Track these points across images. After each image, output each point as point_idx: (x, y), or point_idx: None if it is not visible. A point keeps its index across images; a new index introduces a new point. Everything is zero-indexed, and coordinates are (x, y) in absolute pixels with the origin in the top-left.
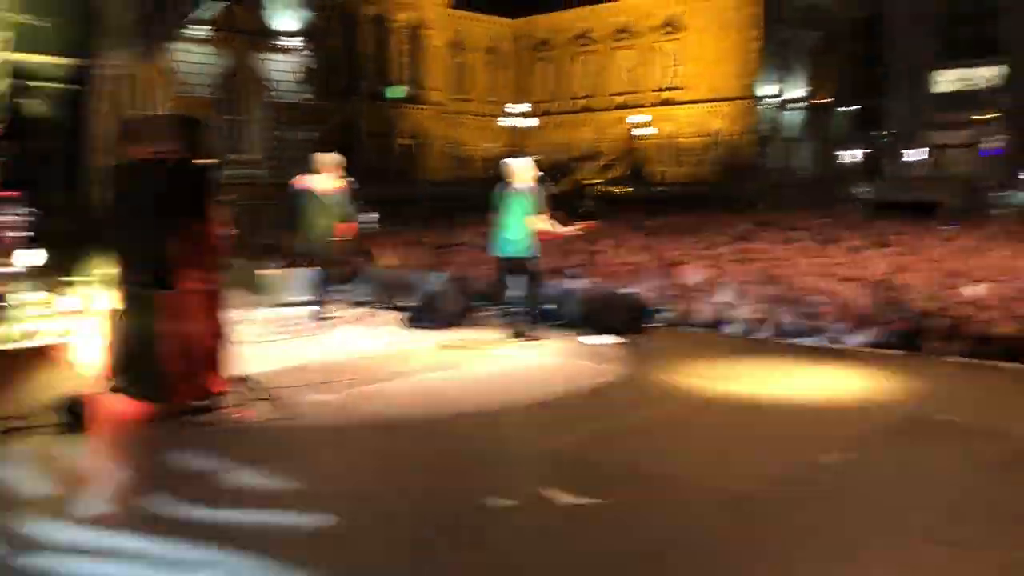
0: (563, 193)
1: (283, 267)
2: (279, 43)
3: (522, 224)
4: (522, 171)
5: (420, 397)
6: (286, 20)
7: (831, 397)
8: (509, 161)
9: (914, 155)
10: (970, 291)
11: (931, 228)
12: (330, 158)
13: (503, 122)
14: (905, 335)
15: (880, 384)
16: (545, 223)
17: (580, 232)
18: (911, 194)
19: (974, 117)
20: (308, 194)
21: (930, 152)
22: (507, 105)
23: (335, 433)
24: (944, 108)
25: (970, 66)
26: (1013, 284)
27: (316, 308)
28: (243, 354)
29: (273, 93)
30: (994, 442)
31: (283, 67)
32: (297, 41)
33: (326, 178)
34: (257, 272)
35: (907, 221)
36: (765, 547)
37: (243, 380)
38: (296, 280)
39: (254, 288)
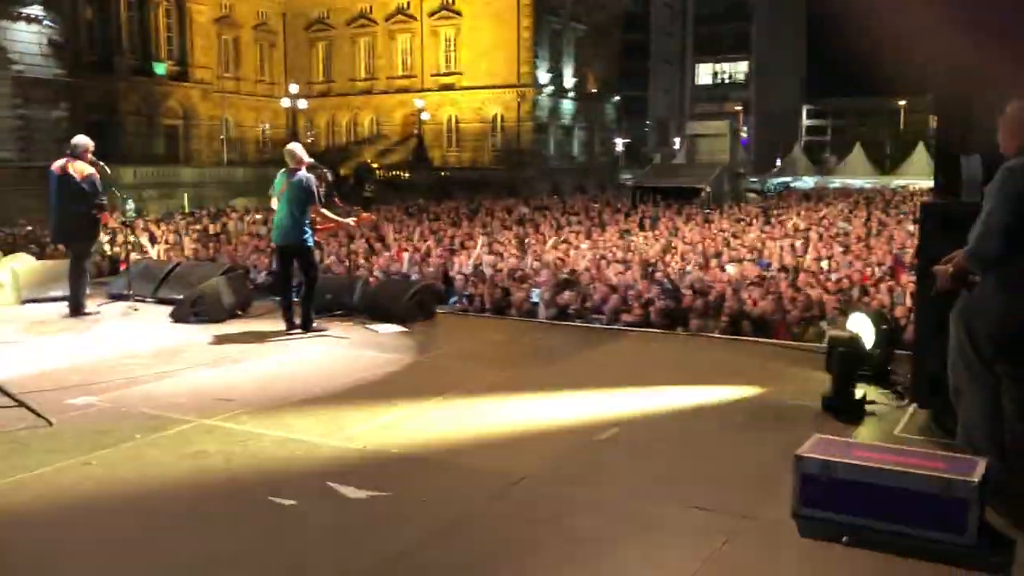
0: (345, 177)
1: (35, 258)
2: (22, 11)
3: (297, 211)
4: (293, 155)
5: (189, 396)
6: None
7: (605, 377)
8: (291, 145)
9: (675, 143)
10: (728, 271)
11: (691, 212)
12: (78, 140)
13: (284, 103)
14: (670, 314)
15: (649, 359)
16: (320, 211)
17: (356, 223)
18: (673, 180)
19: (727, 108)
20: (58, 179)
21: (689, 140)
22: (281, 85)
23: (97, 436)
24: (702, 99)
25: (724, 61)
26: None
27: (75, 303)
28: None
29: (17, 67)
30: (745, 406)
31: (28, 38)
32: (41, 10)
33: (75, 162)
34: (5, 264)
35: (670, 206)
36: (548, 525)
37: None
38: (51, 273)
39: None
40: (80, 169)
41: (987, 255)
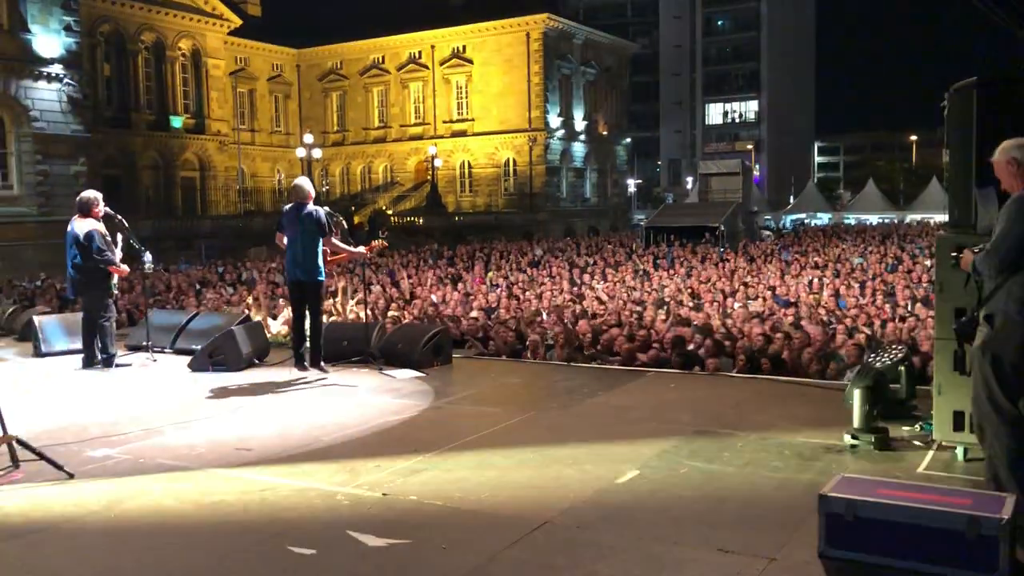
0: (360, 224)
1: (54, 312)
2: (43, 70)
3: (312, 244)
4: (301, 190)
5: (208, 446)
6: (51, 45)
7: (624, 419)
8: (298, 180)
9: (687, 183)
10: (745, 310)
11: (706, 251)
12: (84, 195)
13: (299, 153)
14: (687, 355)
15: (667, 400)
16: (332, 241)
17: (368, 254)
18: (686, 220)
19: (738, 147)
20: (67, 235)
21: (702, 179)
22: (296, 135)
23: (116, 488)
24: (713, 138)
25: (734, 100)
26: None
27: (93, 356)
28: (9, 409)
29: (37, 124)
30: (766, 445)
31: (48, 96)
32: (62, 68)
33: (80, 219)
34: (25, 317)
35: (684, 245)
36: (569, 571)
37: (9, 438)
38: (70, 326)
39: (21, 335)
40: (83, 226)
41: (1003, 258)
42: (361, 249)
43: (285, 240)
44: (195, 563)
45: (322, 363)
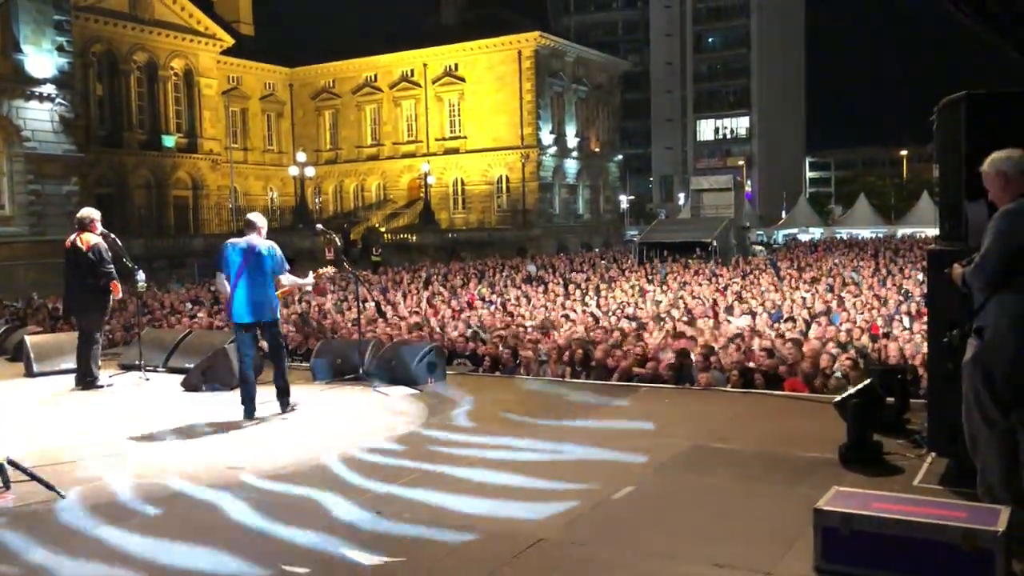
0: (354, 242)
1: (46, 332)
2: (35, 91)
3: (268, 282)
4: (253, 225)
5: (200, 465)
6: (43, 66)
7: (618, 434)
8: (251, 215)
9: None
10: (736, 325)
11: (698, 266)
12: (84, 212)
13: (291, 171)
14: (679, 368)
15: (662, 415)
16: (287, 279)
17: (316, 282)
18: (678, 235)
19: (730, 162)
20: (67, 253)
21: (694, 195)
22: (289, 154)
23: (108, 508)
24: (705, 155)
25: (725, 116)
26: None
27: (83, 375)
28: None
29: (29, 144)
30: (761, 459)
31: (41, 116)
32: (54, 88)
33: (82, 234)
34: (16, 338)
35: (676, 260)
36: None
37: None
38: (62, 346)
39: (13, 356)
40: (87, 240)
41: (990, 273)
42: (309, 278)
43: (225, 280)
44: None
45: (291, 401)
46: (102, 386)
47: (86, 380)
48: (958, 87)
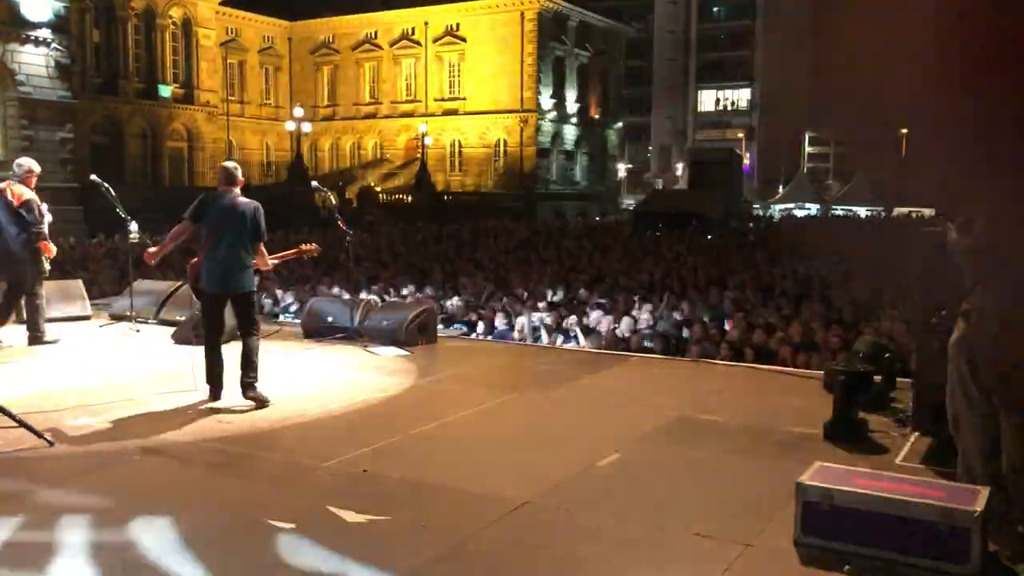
0: (349, 201)
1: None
2: (30, 34)
3: (245, 248)
4: (231, 176)
5: (189, 418)
6: (39, 9)
7: (606, 402)
8: (227, 163)
9: (677, 169)
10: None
11: (694, 238)
12: (21, 161)
13: (288, 126)
14: (671, 340)
15: (650, 385)
16: (262, 248)
17: (298, 253)
18: (675, 206)
19: (729, 134)
20: (4, 203)
21: (692, 167)
22: (286, 109)
23: (97, 459)
24: (705, 125)
25: (727, 87)
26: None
27: (34, 331)
28: None
29: (23, 89)
30: (746, 432)
31: (35, 60)
32: (50, 33)
33: (15, 185)
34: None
35: (671, 231)
36: (548, 551)
37: None
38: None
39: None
40: (19, 193)
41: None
42: (275, 260)
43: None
44: (170, 534)
45: (259, 389)
46: (50, 341)
47: (35, 335)
48: None
